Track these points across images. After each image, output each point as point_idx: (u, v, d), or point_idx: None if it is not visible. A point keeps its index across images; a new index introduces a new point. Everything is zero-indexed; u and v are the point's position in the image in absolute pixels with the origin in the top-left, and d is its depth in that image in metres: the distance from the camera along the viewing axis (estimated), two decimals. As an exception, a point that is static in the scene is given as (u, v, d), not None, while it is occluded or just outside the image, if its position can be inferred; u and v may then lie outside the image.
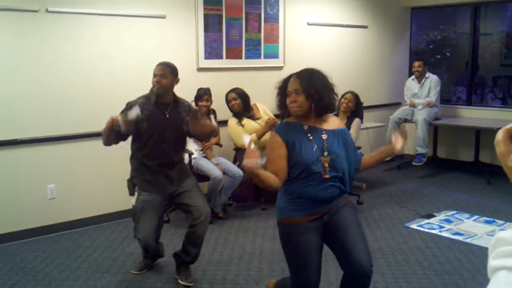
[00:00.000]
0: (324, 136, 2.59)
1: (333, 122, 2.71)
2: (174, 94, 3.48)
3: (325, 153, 2.56)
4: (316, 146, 2.55)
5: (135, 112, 3.13)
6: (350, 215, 2.62)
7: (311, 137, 2.57)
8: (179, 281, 3.49)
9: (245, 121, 5.13)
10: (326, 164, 2.54)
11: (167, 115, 3.40)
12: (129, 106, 3.30)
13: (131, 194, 3.47)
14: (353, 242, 2.53)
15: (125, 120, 3.11)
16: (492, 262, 0.89)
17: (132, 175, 3.50)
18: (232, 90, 5.15)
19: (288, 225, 2.61)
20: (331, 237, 2.62)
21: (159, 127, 3.37)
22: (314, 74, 2.60)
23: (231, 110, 5.15)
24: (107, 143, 3.30)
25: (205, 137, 4.04)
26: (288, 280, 2.77)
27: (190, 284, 3.47)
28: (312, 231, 2.57)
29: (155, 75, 3.38)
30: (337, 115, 5.35)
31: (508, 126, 0.97)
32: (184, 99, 3.57)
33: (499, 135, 0.97)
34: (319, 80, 2.58)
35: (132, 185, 3.47)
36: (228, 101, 5.15)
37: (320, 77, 2.60)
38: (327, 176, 2.54)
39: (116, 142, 3.33)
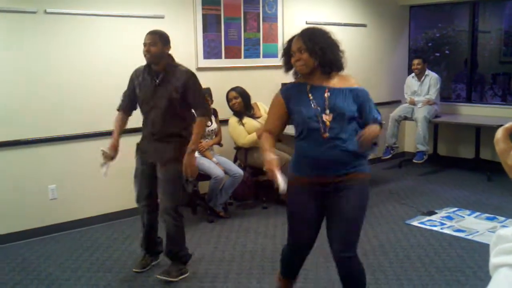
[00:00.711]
0: (327, 94, 2.54)
1: (346, 81, 2.62)
2: (172, 62, 3.43)
3: (327, 111, 2.50)
4: (314, 104, 2.53)
5: (104, 170, 3.50)
6: (349, 202, 2.54)
7: (310, 96, 2.56)
8: (159, 275, 3.53)
9: (246, 120, 5.13)
10: (328, 123, 2.49)
11: (157, 83, 3.38)
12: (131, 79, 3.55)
13: (135, 157, 3.63)
14: (336, 230, 2.58)
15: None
16: (494, 260, 0.90)
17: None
18: (233, 89, 5.15)
19: (290, 182, 2.55)
20: (327, 216, 2.66)
21: (148, 95, 3.40)
22: (316, 31, 2.61)
23: (232, 109, 5.15)
24: None
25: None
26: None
27: (171, 280, 3.49)
28: (311, 195, 2.58)
29: (144, 44, 3.37)
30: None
31: (507, 125, 0.97)
32: (184, 67, 3.46)
33: (499, 134, 0.98)
34: (322, 37, 2.58)
35: (136, 148, 3.63)
36: (228, 100, 5.15)
37: (322, 34, 2.60)
38: (327, 135, 2.48)
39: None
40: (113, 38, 4.74)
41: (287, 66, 2.68)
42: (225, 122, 5.26)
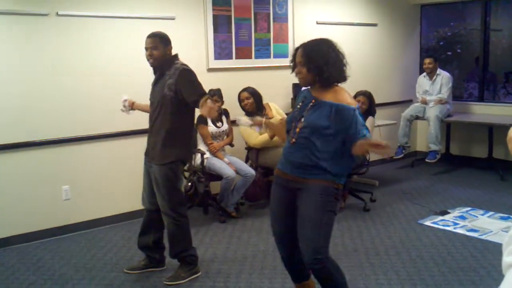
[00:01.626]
0: (311, 104, 2.66)
1: (338, 96, 2.61)
2: (175, 60, 3.41)
3: (302, 119, 2.65)
4: (297, 111, 2.72)
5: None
6: (306, 205, 2.62)
7: (301, 103, 2.72)
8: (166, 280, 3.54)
9: (258, 120, 5.13)
10: (298, 130, 2.65)
11: (156, 80, 3.44)
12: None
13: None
14: (301, 235, 2.65)
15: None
16: (506, 259, 0.90)
17: None
18: (245, 89, 5.16)
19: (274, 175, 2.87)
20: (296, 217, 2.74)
21: (151, 92, 3.48)
22: (318, 47, 2.65)
23: (244, 110, 5.16)
24: None
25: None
26: None
27: (173, 283, 3.49)
28: (284, 187, 2.74)
29: (146, 49, 3.37)
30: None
31: None
32: (179, 64, 3.39)
33: (511, 133, 0.98)
34: (321, 54, 2.61)
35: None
36: (241, 101, 5.16)
37: (322, 50, 2.62)
38: (294, 140, 2.66)
39: None
40: (125, 39, 4.77)
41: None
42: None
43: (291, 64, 2.78)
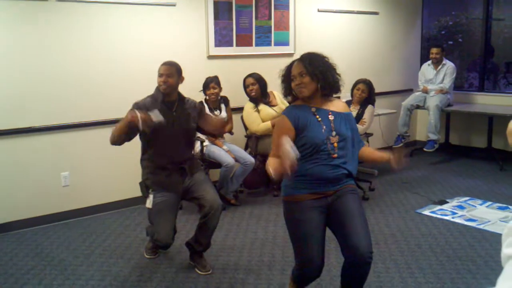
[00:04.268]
0: (331, 117, 2.64)
1: (339, 106, 2.75)
2: (179, 93, 3.50)
3: (333, 133, 2.61)
4: (324, 127, 2.61)
5: (159, 118, 3.16)
6: (354, 202, 2.65)
7: (319, 118, 2.62)
8: (197, 271, 3.51)
9: (262, 107, 5.13)
10: (336, 144, 2.60)
11: (174, 112, 3.41)
12: (137, 106, 3.27)
13: (146, 196, 3.43)
14: (354, 228, 2.56)
15: (146, 119, 3.08)
16: (506, 250, 0.90)
17: (144, 177, 3.47)
18: (250, 75, 5.15)
19: (292, 203, 2.66)
20: (334, 221, 2.65)
21: (167, 125, 3.31)
22: (315, 56, 2.68)
23: (249, 96, 5.15)
24: (117, 142, 3.23)
25: (218, 132, 4.11)
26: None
27: (209, 272, 3.49)
28: (316, 210, 2.60)
29: (161, 75, 3.36)
30: (350, 103, 5.34)
31: None
32: (189, 98, 3.56)
33: (511, 125, 0.97)
34: (321, 61, 2.66)
35: (145, 187, 3.45)
36: (246, 86, 5.15)
37: (320, 58, 2.68)
38: (336, 155, 2.59)
39: (122, 143, 3.26)
40: (126, 25, 4.74)
41: (287, 90, 2.77)
42: (236, 110, 5.27)
43: (283, 83, 2.76)
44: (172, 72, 3.38)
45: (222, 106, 5.09)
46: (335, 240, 2.70)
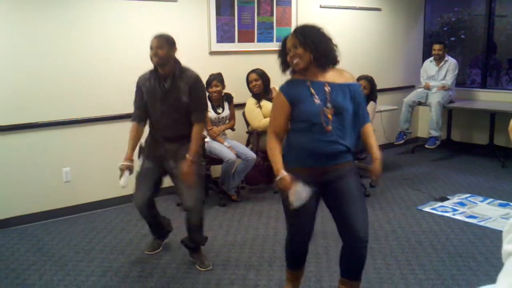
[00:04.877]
0: (327, 89, 2.59)
1: (342, 76, 2.67)
2: (179, 65, 3.41)
3: (328, 105, 2.56)
4: (318, 100, 2.57)
5: (124, 180, 3.34)
6: (353, 183, 2.65)
7: (313, 91, 2.59)
8: (198, 267, 3.51)
9: (264, 103, 5.12)
10: (330, 116, 2.55)
11: (166, 86, 3.36)
12: (138, 81, 3.47)
13: (138, 158, 3.55)
14: (353, 211, 2.60)
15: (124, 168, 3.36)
16: (506, 247, 0.89)
17: (144, 140, 3.57)
18: (254, 71, 5.15)
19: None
20: (332, 201, 2.68)
21: (158, 99, 3.36)
22: (308, 27, 2.68)
23: (251, 91, 5.15)
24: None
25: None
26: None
27: (209, 268, 3.50)
28: (310, 184, 2.56)
29: (151, 48, 3.35)
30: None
31: None
32: (192, 71, 3.44)
33: None
34: (313, 31, 2.65)
35: (139, 150, 3.56)
36: (249, 82, 5.15)
37: (313, 29, 2.67)
38: (329, 128, 2.55)
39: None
40: (127, 21, 4.73)
41: (284, 65, 2.74)
42: (239, 106, 5.26)
43: (279, 58, 2.73)
44: (161, 44, 3.33)
45: (226, 104, 5.08)
46: (334, 240, 2.71)
